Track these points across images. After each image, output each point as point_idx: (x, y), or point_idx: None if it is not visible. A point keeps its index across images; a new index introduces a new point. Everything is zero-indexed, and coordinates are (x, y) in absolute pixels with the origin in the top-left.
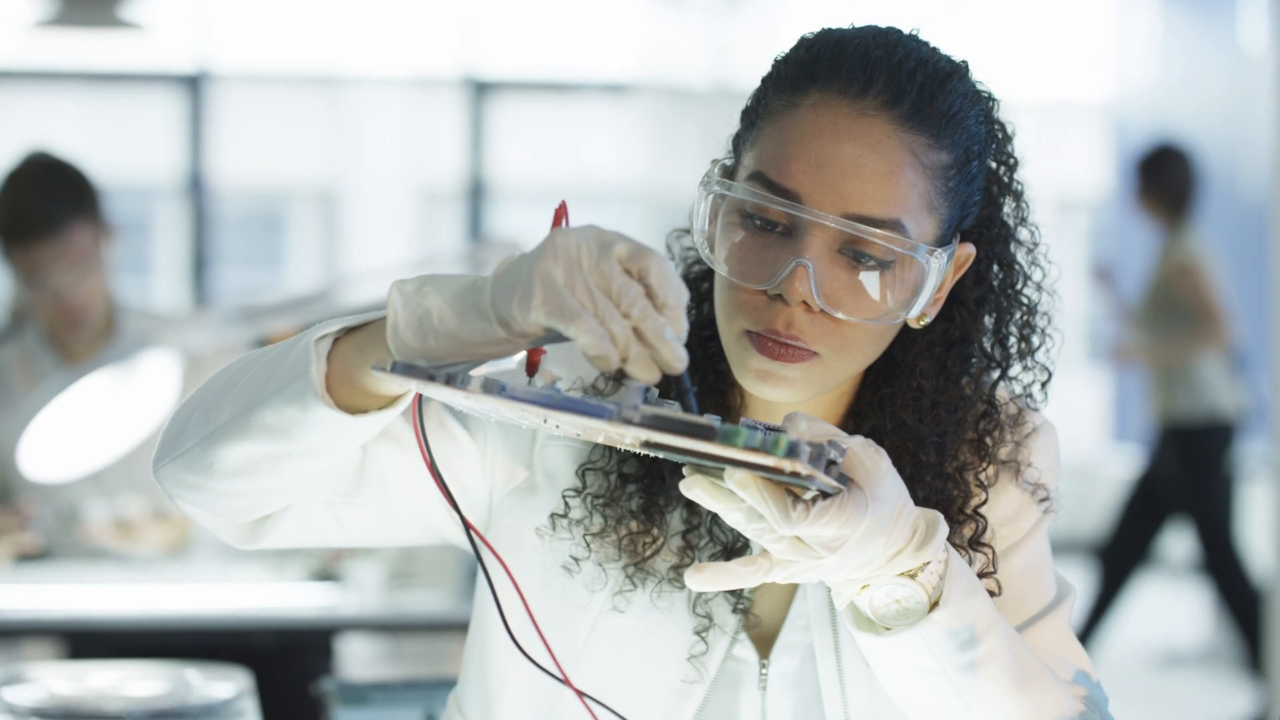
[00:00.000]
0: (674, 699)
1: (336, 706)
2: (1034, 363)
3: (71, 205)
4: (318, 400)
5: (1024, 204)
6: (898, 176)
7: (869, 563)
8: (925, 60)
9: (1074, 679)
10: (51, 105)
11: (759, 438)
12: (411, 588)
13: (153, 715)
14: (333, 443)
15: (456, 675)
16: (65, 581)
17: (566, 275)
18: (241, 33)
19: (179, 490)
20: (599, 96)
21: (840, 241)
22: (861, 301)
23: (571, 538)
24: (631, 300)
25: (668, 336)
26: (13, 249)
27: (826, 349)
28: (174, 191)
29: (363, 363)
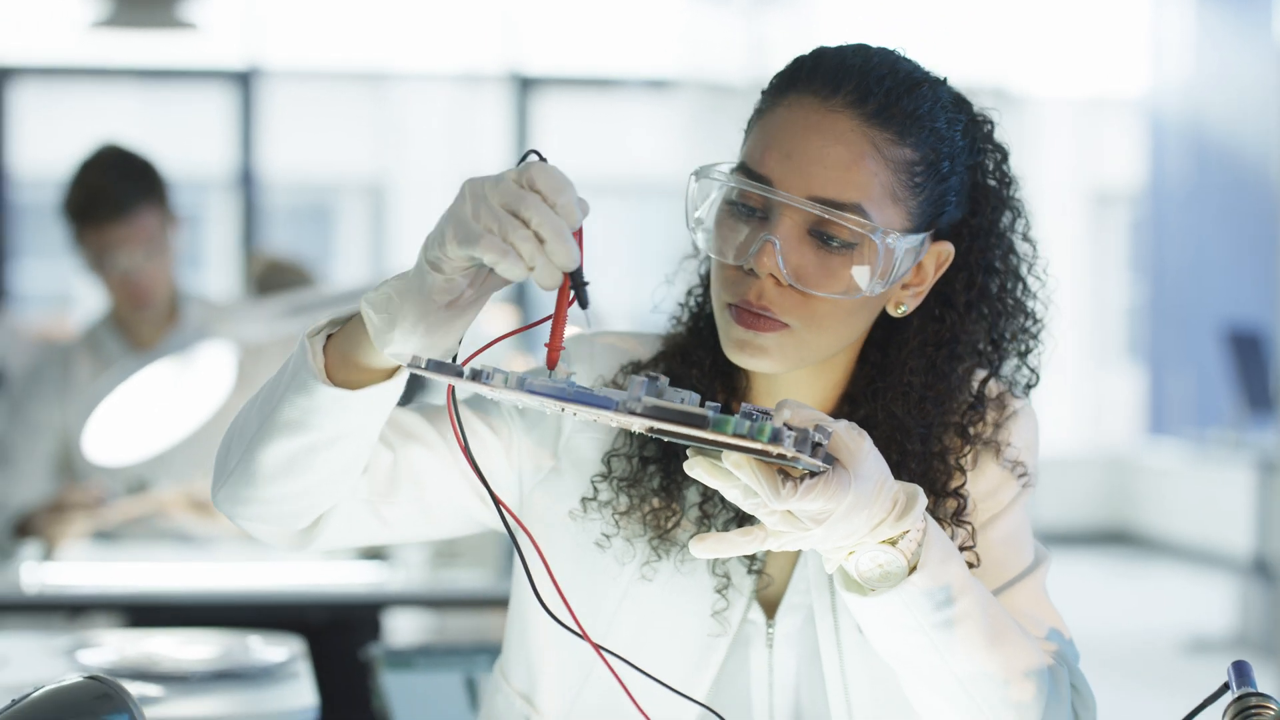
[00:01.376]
0: (700, 653)
1: (383, 671)
2: (1023, 364)
3: (141, 190)
4: (319, 383)
5: (1023, 219)
6: (860, 166)
7: (853, 532)
8: (896, 69)
9: (1047, 636)
10: (107, 101)
11: (747, 425)
12: (454, 566)
13: (214, 674)
14: (345, 423)
15: (495, 643)
16: (130, 559)
17: (472, 207)
18: (291, 31)
19: (236, 509)
20: (640, 92)
21: (808, 224)
22: (827, 278)
23: (601, 518)
24: (527, 206)
25: (562, 236)
26: (84, 230)
27: (796, 321)
28: (225, 185)
29: (352, 347)
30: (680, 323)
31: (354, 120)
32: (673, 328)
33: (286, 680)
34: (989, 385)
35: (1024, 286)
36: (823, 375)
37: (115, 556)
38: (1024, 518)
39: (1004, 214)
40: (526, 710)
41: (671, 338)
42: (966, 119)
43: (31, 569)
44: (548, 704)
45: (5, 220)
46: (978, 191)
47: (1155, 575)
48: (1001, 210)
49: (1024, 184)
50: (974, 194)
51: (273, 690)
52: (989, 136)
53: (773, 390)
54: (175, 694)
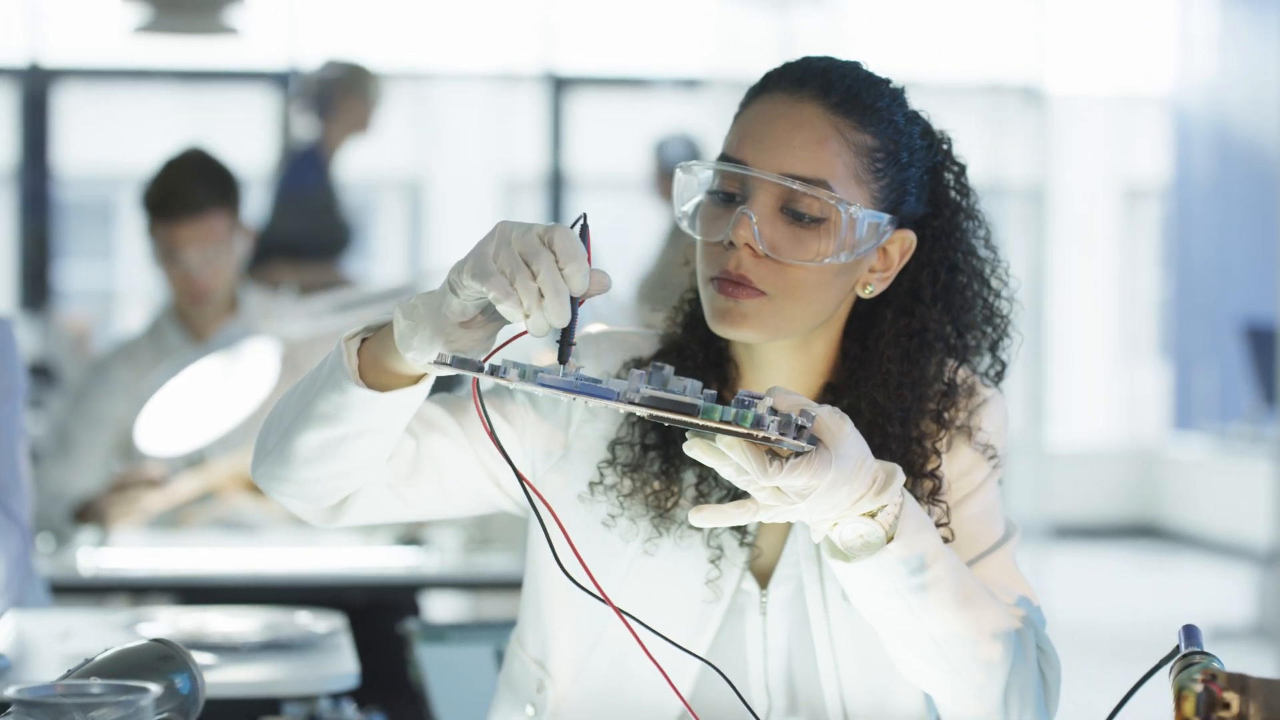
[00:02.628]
0: (697, 620)
1: (419, 644)
2: (993, 357)
3: (215, 193)
4: (352, 383)
5: (984, 228)
6: (824, 147)
7: (835, 506)
8: (857, 71)
9: (1016, 603)
10: (149, 102)
11: (733, 412)
12: (487, 551)
13: (262, 645)
14: (373, 420)
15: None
16: (181, 545)
17: (495, 248)
18: (330, 32)
19: (271, 484)
20: (672, 91)
21: (781, 200)
22: (798, 248)
23: (607, 499)
24: (539, 261)
25: (560, 295)
26: (157, 224)
27: (773, 289)
28: (265, 183)
29: (383, 353)
30: (675, 323)
31: (392, 119)
32: (668, 328)
33: (329, 651)
34: (961, 376)
35: (986, 286)
36: (806, 366)
37: (167, 542)
38: (995, 496)
39: (963, 219)
40: (540, 674)
41: (668, 336)
42: (924, 126)
43: (88, 553)
44: (559, 668)
45: (50, 220)
46: (939, 195)
47: (1180, 567)
48: (960, 215)
49: (1055, 180)
50: (935, 197)
51: (316, 659)
52: (948, 153)
53: (759, 381)
54: (226, 662)
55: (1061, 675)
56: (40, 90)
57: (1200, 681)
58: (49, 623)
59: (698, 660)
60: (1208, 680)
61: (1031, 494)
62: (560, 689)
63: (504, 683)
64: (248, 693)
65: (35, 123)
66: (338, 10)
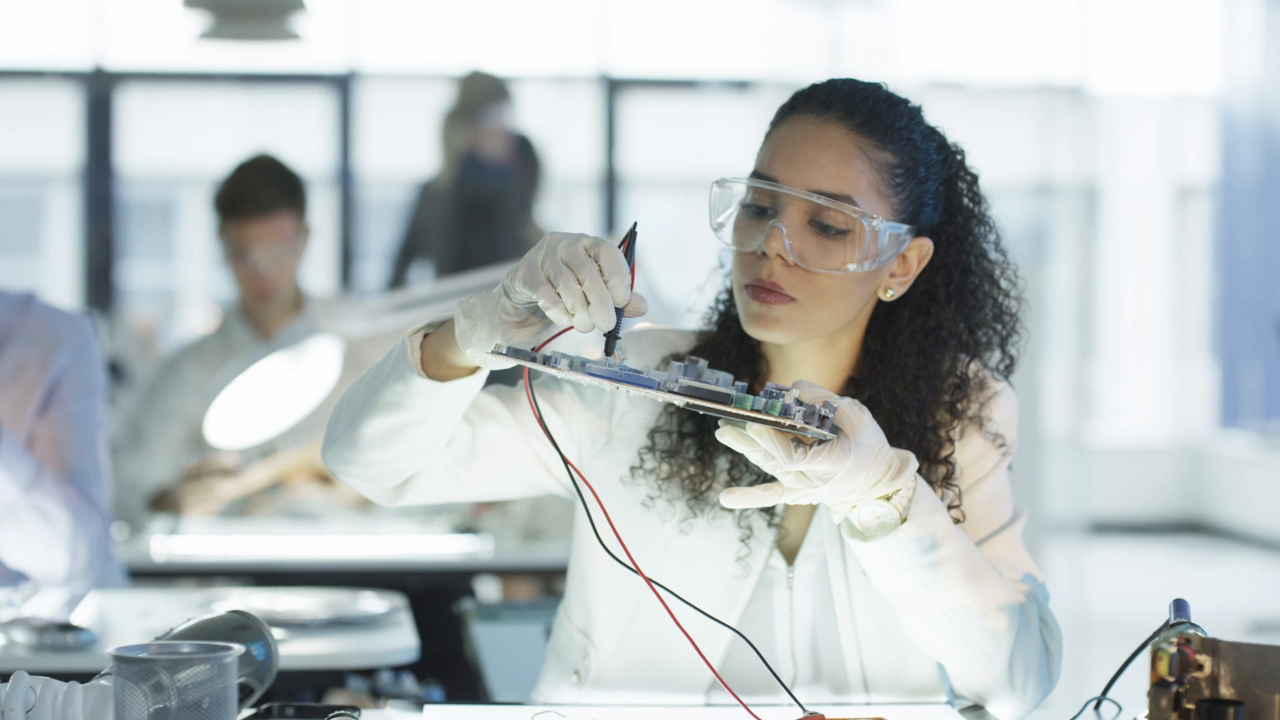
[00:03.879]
0: (728, 593)
1: (474, 622)
2: (1004, 353)
3: (284, 196)
4: (414, 374)
5: (994, 233)
6: (848, 165)
7: (854, 490)
8: (878, 93)
9: (1021, 579)
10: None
11: (762, 402)
12: (539, 539)
13: (327, 622)
14: (433, 408)
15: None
16: (249, 533)
17: (544, 257)
18: (389, 35)
19: (340, 466)
20: (723, 93)
21: (809, 214)
22: (825, 258)
23: (647, 482)
24: (585, 271)
25: (604, 302)
26: (227, 224)
27: (802, 295)
28: (324, 182)
29: (443, 348)
30: (710, 322)
31: None
32: (704, 326)
33: (390, 627)
34: (973, 371)
35: (997, 287)
36: (830, 361)
37: (236, 530)
38: (1003, 481)
39: (975, 225)
40: (584, 643)
41: (704, 333)
42: (940, 141)
43: (161, 540)
44: (602, 637)
45: (114, 220)
46: (953, 204)
47: (1225, 562)
48: (973, 221)
49: (1106, 179)
50: (950, 205)
51: (378, 635)
52: (962, 164)
53: (788, 375)
54: (294, 637)
55: (1063, 645)
56: (105, 93)
57: (1175, 645)
58: (128, 602)
59: (729, 631)
60: (1182, 644)
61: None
62: (603, 656)
63: (551, 651)
64: (315, 664)
65: (100, 125)
66: (396, 14)
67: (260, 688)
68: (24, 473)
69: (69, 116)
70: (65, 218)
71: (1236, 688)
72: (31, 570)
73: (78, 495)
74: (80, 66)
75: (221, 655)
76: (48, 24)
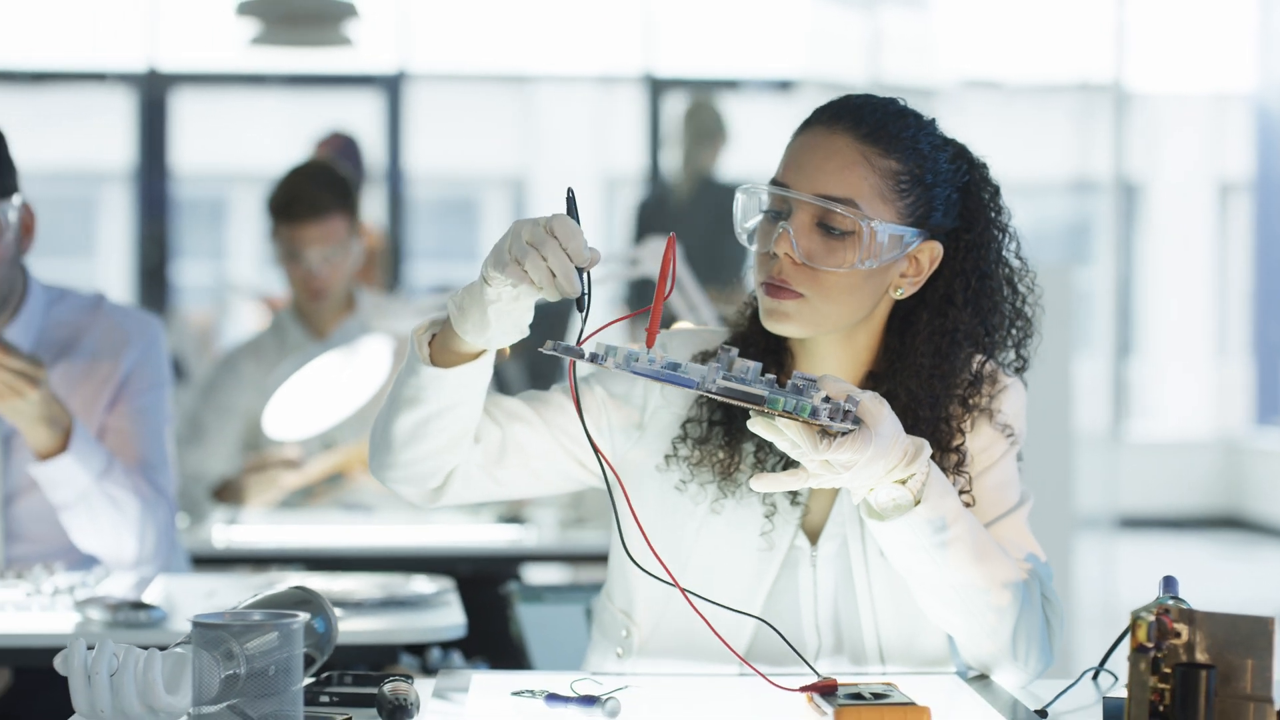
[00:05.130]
0: (757, 567)
1: (518, 603)
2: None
3: (336, 199)
4: (423, 365)
5: (1014, 241)
6: (851, 171)
7: (873, 475)
8: (888, 106)
9: (1026, 558)
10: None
11: (794, 402)
12: (581, 527)
13: (380, 601)
14: (446, 395)
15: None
16: (305, 523)
17: (510, 242)
18: (438, 36)
19: (383, 473)
20: (765, 92)
21: (816, 217)
22: (829, 257)
23: (680, 469)
24: (548, 248)
25: (569, 274)
26: (281, 227)
27: (810, 292)
28: (374, 180)
29: (448, 339)
30: (744, 317)
31: (497, 120)
32: (736, 321)
33: (439, 607)
34: (984, 366)
35: (1014, 291)
36: (851, 357)
37: (293, 520)
38: (1011, 468)
39: (996, 233)
40: (626, 622)
41: (736, 328)
42: (954, 152)
43: (221, 529)
44: (642, 617)
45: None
46: (972, 212)
47: (1262, 556)
48: (993, 229)
49: (1148, 176)
50: (968, 213)
51: (428, 614)
52: (984, 176)
53: (811, 367)
54: (349, 615)
55: (1064, 620)
56: (158, 95)
57: (1154, 614)
58: (194, 584)
59: (761, 606)
60: (1161, 614)
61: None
62: (643, 634)
63: (596, 630)
64: (369, 640)
65: (153, 126)
66: (445, 15)
67: (320, 658)
68: (96, 463)
69: (123, 118)
70: (119, 217)
71: (1211, 653)
72: (103, 554)
73: (146, 484)
74: (135, 69)
75: (288, 623)
76: (103, 28)
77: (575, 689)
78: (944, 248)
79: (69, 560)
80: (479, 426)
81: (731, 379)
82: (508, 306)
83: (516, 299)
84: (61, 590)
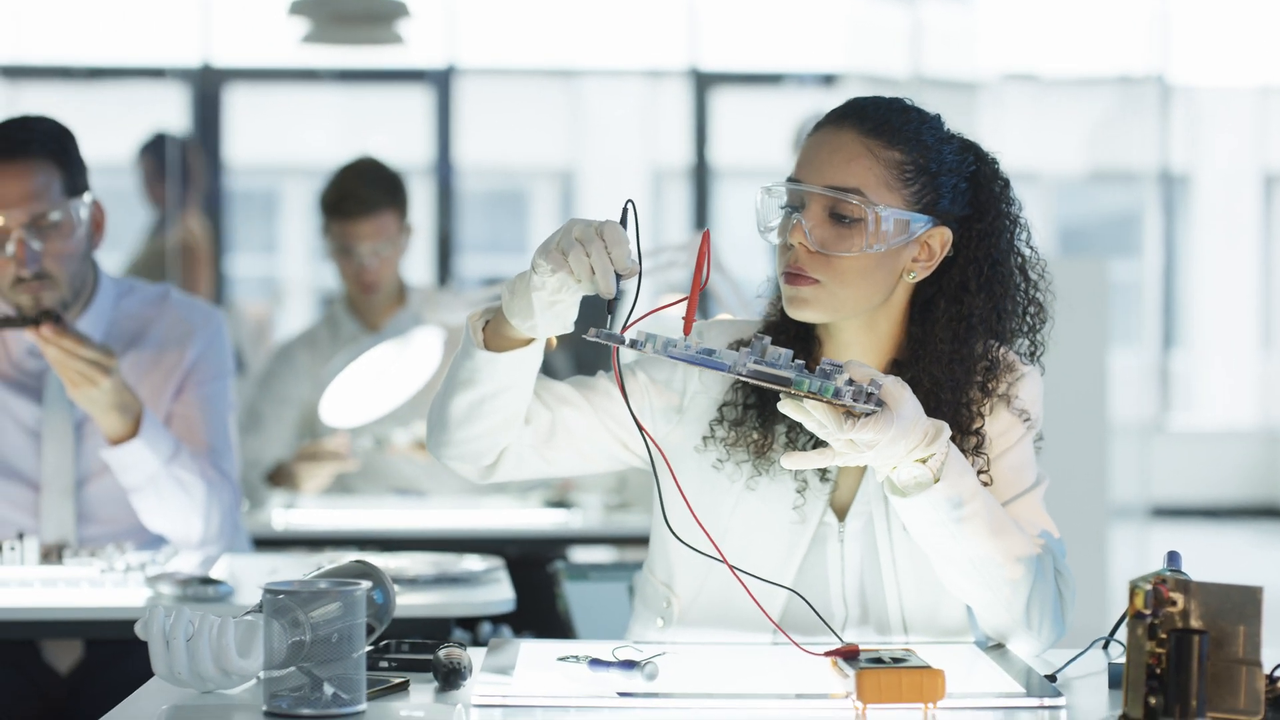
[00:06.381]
0: (790, 540)
1: (565, 580)
2: (1032, 340)
3: (386, 196)
4: (477, 349)
5: (1025, 230)
6: (856, 162)
7: (896, 454)
8: (892, 104)
9: (1040, 534)
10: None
11: (819, 384)
12: (625, 511)
13: (433, 578)
14: (499, 378)
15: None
16: (360, 506)
17: (560, 237)
18: (486, 32)
19: (439, 451)
20: (809, 86)
21: (827, 207)
22: (840, 243)
23: (717, 449)
24: (593, 246)
25: (606, 273)
26: (333, 224)
27: (825, 277)
28: (424, 172)
29: (501, 325)
30: (775, 308)
31: (545, 114)
32: (769, 313)
33: (490, 584)
34: (1003, 354)
35: (1025, 278)
36: (874, 344)
37: (347, 504)
38: (1028, 451)
39: (1006, 223)
40: (667, 593)
41: (768, 318)
42: (959, 145)
43: (280, 513)
44: (682, 588)
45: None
46: (982, 202)
47: None
48: (1003, 219)
49: (1195, 170)
50: (979, 204)
51: (479, 589)
52: (995, 170)
53: (837, 354)
54: (404, 591)
55: (1076, 593)
56: (212, 90)
57: (1151, 583)
58: (257, 563)
59: (792, 578)
60: (1158, 583)
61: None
62: (683, 604)
63: (639, 600)
64: (423, 614)
65: (207, 120)
66: (494, 11)
67: (379, 628)
68: (165, 448)
69: (178, 113)
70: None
71: (1205, 620)
72: (171, 534)
73: (211, 468)
74: (189, 64)
75: (351, 590)
76: (158, 26)
77: (617, 655)
78: (957, 236)
79: (138, 540)
80: (530, 409)
81: (762, 363)
82: (550, 296)
83: (559, 289)
84: (133, 567)
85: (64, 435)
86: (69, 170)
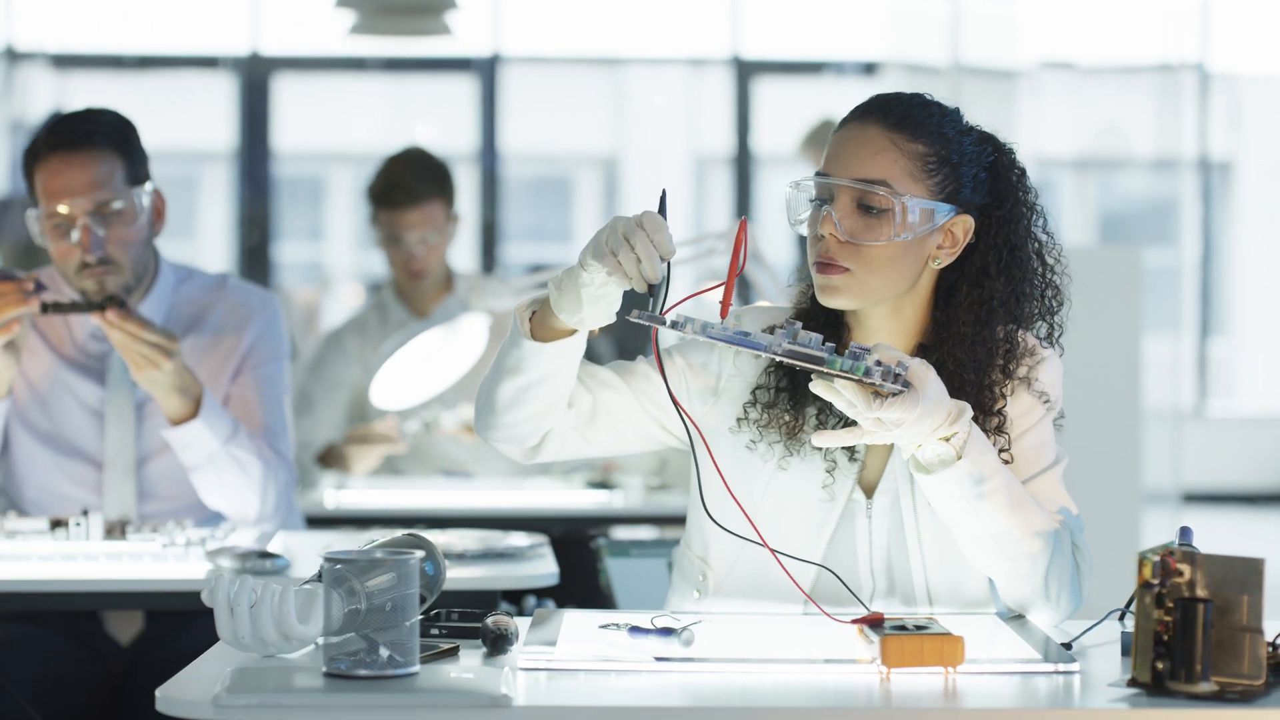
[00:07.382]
0: (820, 517)
1: (606, 556)
2: (1051, 324)
3: (433, 186)
4: (524, 339)
5: (1042, 217)
6: (882, 156)
7: (920, 433)
8: (913, 99)
9: (1058, 511)
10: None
11: (850, 364)
12: (665, 492)
13: (480, 553)
14: (544, 366)
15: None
16: (408, 487)
17: (608, 235)
18: (531, 20)
19: (486, 433)
20: (850, 74)
21: (855, 199)
22: (868, 232)
23: (751, 430)
24: (637, 237)
25: (652, 259)
26: (381, 213)
27: (854, 265)
28: (468, 159)
29: (547, 316)
30: (806, 297)
31: (589, 102)
32: (799, 301)
33: (534, 559)
34: (1025, 339)
35: (1042, 262)
36: (900, 328)
37: (396, 485)
38: (1048, 431)
39: (1024, 210)
40: (703, 567)
41: (799, 305)
42: (978, 136)
43: (330, 493)
44: (717, 561)
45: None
46: (1001, 191)
47: None
48: (1021, 207)
49: (1236, 157)
50: (998, 192)
51: (524, 564)
52: (1012, 160)
53: (866, 339)
54: (452, 565)
55: (1093, 566)
56: (260, 78)
57: (1159, 555)
58: (311, 540)
59: (822, 553)
60: (1165, 555)
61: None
62: (718, 576)
63: (677, 573)
64: (471, 586)
65: (255, 108)
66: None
67: (430, 598)
68: (223, 428)
69: (226, 101)
70: (221, 197)
71: (1210, 590)
72: (228, 511)
73: (268, 448)
74: (238, 53)
75: (406, 558)
76: (208, 14)
77: (655, 623)
78: (978, 224)
79: (197, 517)
80: (573, 393)
81: (795, 344)
82: (599, 291)
83: (606, 284)
84: (193, 542)
85: (126, 415)
86: (131, 160)
